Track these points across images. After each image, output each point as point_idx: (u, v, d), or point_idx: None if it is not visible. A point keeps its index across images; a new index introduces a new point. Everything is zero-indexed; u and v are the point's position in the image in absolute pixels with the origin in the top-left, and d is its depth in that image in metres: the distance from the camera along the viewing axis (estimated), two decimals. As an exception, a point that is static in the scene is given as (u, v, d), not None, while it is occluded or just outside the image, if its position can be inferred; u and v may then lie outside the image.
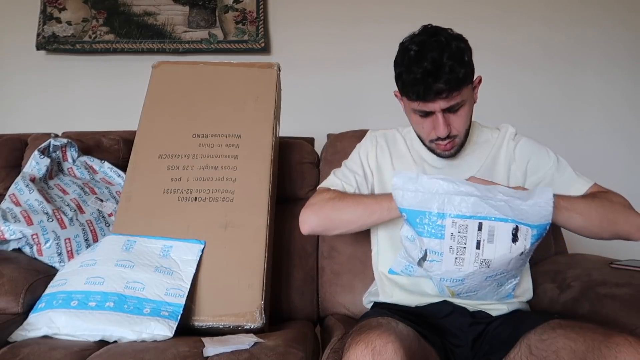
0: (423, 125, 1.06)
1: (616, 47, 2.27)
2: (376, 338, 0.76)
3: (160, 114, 1.38)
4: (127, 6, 2.18)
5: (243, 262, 1.19)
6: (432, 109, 1.01)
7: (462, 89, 1.00)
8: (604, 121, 2.26)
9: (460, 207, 0.87)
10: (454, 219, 0.87)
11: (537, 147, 1.16)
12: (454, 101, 1.00)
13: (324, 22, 2.22)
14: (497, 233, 0.87)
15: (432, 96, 0.98)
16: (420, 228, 0.90)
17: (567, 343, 0.82)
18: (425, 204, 0.89)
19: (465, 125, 1.06)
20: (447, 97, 0.99)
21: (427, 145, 1.11)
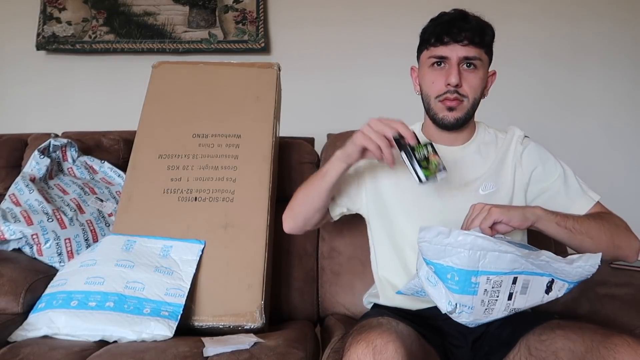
0: (434, 79, 1.06)
1: (615, 49, 2.27)
2: (377, 337, 0.76)
3: (160, 114, 1.38)
4: (127, 6, 2.18)
5: (243, 262, 1.19)
6: (449, 54, 1.03)
7: (483, 48, 1.05)
8: (603, 124, 2.26)
9: (497, 264, 0.81)
10: (489, 276, 0.82)
11: (545, 155, 1.13)
12: (473, 52, 1.03)
13: (324, 22, 2.22)
14: (532, 285, 0.85)
15: (454, 35, 1.02)
16: (450, 284, 0.83)
17: (566, 344, 0.82)
18: (458, 260, 0.81)
19: (475, 92, 1.07)
20: (469, 43, 1.02)
21: (432, 107, 1.09)
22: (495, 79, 1.15)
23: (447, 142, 1.13)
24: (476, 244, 0.80)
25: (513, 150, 1.13)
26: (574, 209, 1.06)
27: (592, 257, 0.85)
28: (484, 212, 0.91)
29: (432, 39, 1.05)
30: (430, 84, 1.07)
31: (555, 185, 1.09)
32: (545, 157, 1.12)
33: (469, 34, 1.02)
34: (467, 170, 1.11)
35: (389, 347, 0.74)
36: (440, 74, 1.06)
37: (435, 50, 1.05)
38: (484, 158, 1.13)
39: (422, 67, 1.11)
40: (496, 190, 1.08)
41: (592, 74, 2.26)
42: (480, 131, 1.16)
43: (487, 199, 1.05)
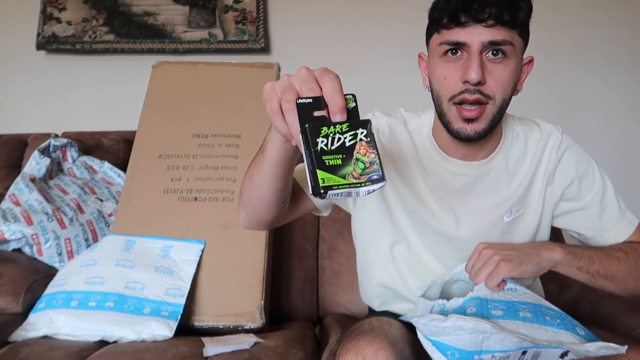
0: (447, 74, 0.80)
1: (616, 48, 2.27)
2: (367, 345, 0.72)
3: (160, 114, 1.38)
4: (127, 6, 2.18)
5: (243, 262, 1.19)
6: (468, 39, 0.76)
7: (514, 30, 0.78)
8: (604, 123, 2.26)
9: (503, 344, 0.71)
10: (494, 354, 0.72)
11: (584, 166, 0.91)
12: (501, 35, 0.76)
13: (324, 22, 2.22)
14: (543, 355, 0.74)
15: (475, 13, 0.74)
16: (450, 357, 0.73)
17: None
18: (458, 341, 0.72)
19: (505, 91, 0.80)
20: (496, 23, 0.75)
21: (445, 112, 0.82)
22: (532, 69, 0.89)
23: (464, 156, 0.89)
24: (478, 329, 0.70)
25: (546, 162, 0.90)
26: (608, 236, 0.91)
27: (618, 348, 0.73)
28: (490, 266, 0.78)
29: (444, 17, 0.77)
30: (442, 80, 0.81)
31: (590, 206, 0.91)
32: (584, 168, 0.91)
33: (496, 9, 0.74)
34: (491, 191, 0.90)
35: (379, 356, 0.70)
36: (456, 67, 0.79)
37: (449, 34, 0.78)
38: (511, 174, 0.91)
39: (431, 57, 0.84)
40: (522, 214, 0.91)
41: (592, 71, 2.26)
42: (508, 136, 0.91)
43: (511, 225, 0.90)
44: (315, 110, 0.55)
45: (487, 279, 0.78)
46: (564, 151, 0.91)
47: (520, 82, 0.86)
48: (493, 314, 0.76)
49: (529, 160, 0.91)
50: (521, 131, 0.92)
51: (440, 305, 0.80)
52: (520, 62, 0.83)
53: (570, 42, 2.26)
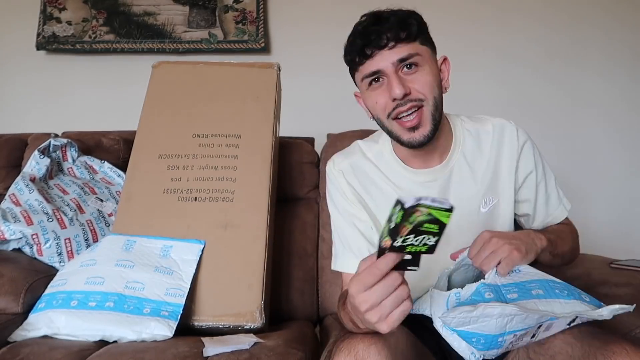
0: (377, 99, 0.90)
1: (616, 46, 2.27)
2: (359, 342, 0.73)
3: (160, 114, 1.38)
4: (127, 6, 2.18)
5: (243, 262, 1.19)
6: (380, 65, 0.87)
7: (414, 42, 0.88)
8: (604, 121, 2.26)
9: (526, 322, 0.76)
10: (516, 333, 0.76)
11: (538, 157, 1.03)
12: (405, 52, 0.86)
13: (324, 22, 2.22)
14: (555, 324, 0.80)
15: (376, 43, 0.86)
16: (475, 344, 0.77)
17: (564, 348, 0.81)
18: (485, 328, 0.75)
19: (432, 90, 0.89)
20: (396, 43, 0.86)
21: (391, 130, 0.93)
22: (449, 65, 0.96)
23: (426, 164, 0.99)
24: (504, 313, 0.73)
25: (508, 152, 1.00)
26: (550, 220, 1.05)
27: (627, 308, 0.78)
28: (502, 254, 0.81)
29: (355, 57, 0.90)
30: (375, 105, 0.91)
31: (541, 193, 1.03)
32: (538, 159, 1.03)
33: (391, 33, 0.86)
34: (459, 189, 0.99)
35: (372, 350, 0.72)
36: (382, 91, 0.90)
37: (364, 68, 0.90)
38: (472, 168, 0.99)
39: (362, 92, 0.96)
40: (497, 202, 0.99)
41: (592, 70, 2.27)
42: (458, 134, 1.01)
43: (490, 215, 0.99)
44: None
45: (500, 267, 0.81)
46: (524, 142, 1.00)
47: (445, 80, 0.95)
48: (509, 298, 0.79)
49: (486, 152, 1.00)
50: (472, 127, 1.02)
51: (456, 295, 0.81)
52: (435, 65, 0.93)
53: (570, 40, 2.27)
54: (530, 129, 1.11)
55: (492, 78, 2.22)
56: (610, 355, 0.73)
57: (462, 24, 2.17)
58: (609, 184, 2.22)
